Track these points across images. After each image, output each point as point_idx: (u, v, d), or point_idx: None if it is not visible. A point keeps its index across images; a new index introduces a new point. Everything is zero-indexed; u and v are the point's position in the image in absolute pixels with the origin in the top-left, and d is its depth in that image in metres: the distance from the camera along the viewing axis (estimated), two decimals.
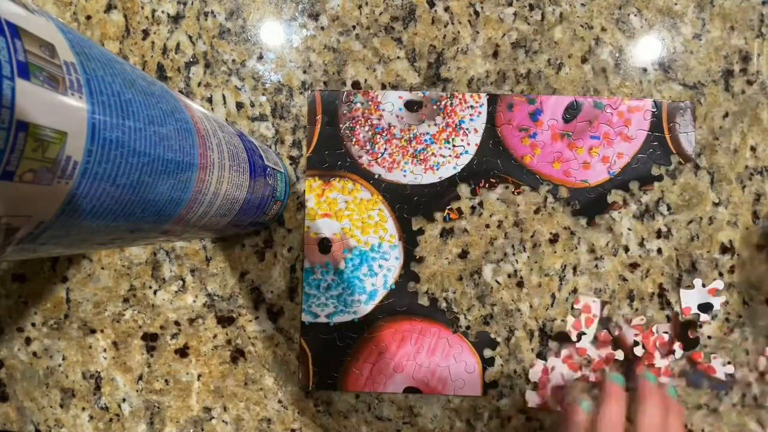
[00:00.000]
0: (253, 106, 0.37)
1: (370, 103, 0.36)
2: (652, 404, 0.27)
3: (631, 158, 0.36)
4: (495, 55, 0.36)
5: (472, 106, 0.36)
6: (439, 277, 0.36)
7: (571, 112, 0.36)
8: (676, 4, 0.36)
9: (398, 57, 0.36)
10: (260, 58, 0.37)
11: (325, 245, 0.36)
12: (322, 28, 0.37)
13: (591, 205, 0.36)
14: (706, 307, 0.36)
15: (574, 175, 0.36)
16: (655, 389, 0.29)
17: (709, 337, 0.36)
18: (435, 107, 0.36)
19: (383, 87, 0.36)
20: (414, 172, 0.36)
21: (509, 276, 0.36)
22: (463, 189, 0.36)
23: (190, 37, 0.37)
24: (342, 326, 0.36)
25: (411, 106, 0.36)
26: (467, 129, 0.36)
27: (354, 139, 0.36)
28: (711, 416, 0.36)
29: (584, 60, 0.36)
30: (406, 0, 0.36)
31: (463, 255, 0.36)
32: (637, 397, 0.28)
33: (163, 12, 0.37)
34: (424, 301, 0.36)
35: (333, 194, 0.36)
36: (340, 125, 0.36)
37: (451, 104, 0.36)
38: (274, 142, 0.36)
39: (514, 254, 0.36)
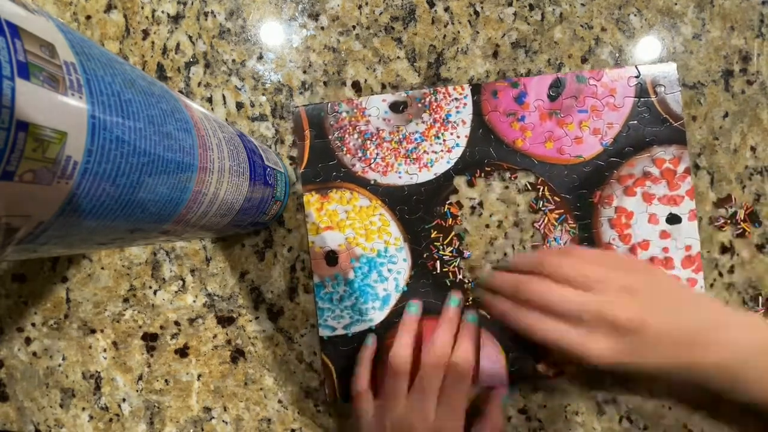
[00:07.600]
0: (253, 106, 0.37)
1: (355, 110, 0.36)
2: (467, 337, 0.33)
3: (622, 126, 0.35)
4: (495, 55, 0.36)
5: (456, 99, 0.36)
6: None
7: (555, 89, 0.36)
8: (676, 4, 0.36)
9: (398, 57, 0.36)
10: (260, 58, 0.37)
11: (331, 258, 0.36)
12: (322, 28, 0.37)
13: (588, 179, 0.36)
14: None
15: (568, 151, 0.36)
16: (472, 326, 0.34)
17: None
18: (420, 105, 0.36)
19: (383, 87, 0.36)
20: (409, 173, 0.36)
21: None
22: (460, 182, 0.36)
23: (190, 37, 0.37)
24: (360, 336, 0.35)
25: (396, 107, 0.36)
26: (455, 122, 0.36)
27: (345, 149, 0.36)
28: (711, 416, 0.36)
29: (584, 60, 0.36)
30: (406, 0, 0.36)
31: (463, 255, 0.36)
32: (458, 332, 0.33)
33: (163, 12, 0.37)
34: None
35: (332, 206, 0.36)
36: (329, 136, 0.36)
37: (436, 99, 0.36)
38: (274, 142, 0.36)
39: (514, 254, 0.36)
